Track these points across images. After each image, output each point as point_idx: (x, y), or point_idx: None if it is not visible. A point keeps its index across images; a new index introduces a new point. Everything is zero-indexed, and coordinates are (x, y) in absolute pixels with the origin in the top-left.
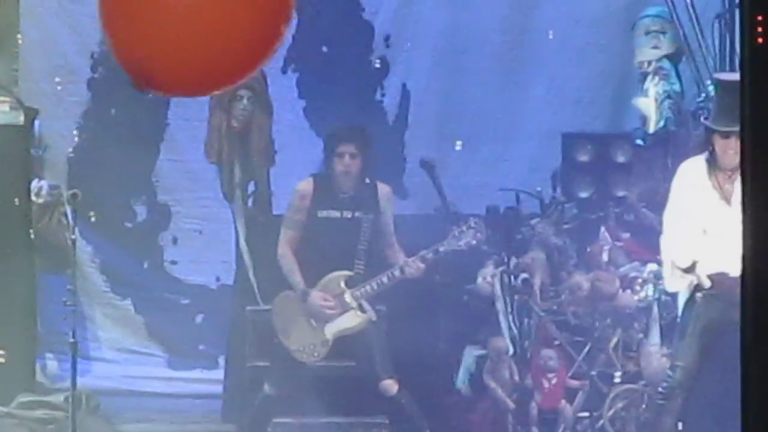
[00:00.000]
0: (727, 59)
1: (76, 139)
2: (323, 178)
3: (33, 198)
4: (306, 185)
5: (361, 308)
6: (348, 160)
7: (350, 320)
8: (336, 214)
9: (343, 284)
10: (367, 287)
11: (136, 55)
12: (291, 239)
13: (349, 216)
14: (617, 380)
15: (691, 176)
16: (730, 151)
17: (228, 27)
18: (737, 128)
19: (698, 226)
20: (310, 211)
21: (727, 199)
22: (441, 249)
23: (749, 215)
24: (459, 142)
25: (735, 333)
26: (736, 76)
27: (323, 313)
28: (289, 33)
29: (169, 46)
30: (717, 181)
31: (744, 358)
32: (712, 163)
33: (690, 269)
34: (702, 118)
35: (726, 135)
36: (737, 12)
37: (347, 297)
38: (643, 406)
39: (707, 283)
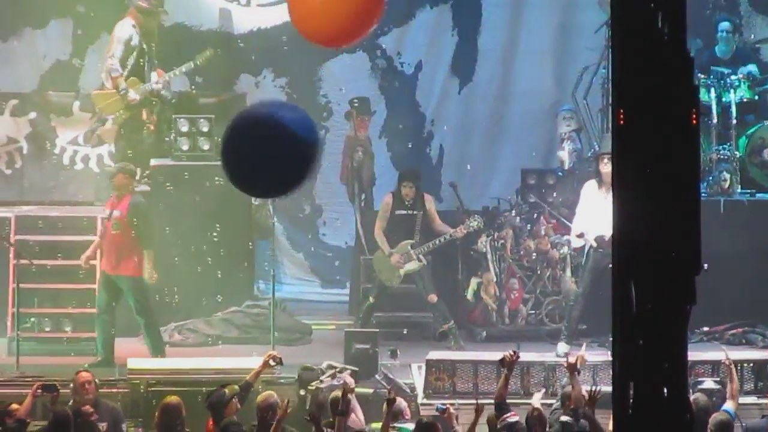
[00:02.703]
0: (605, 130)
1: None
2: (396, 193)
3: (253, 203)
4: (388, 198)
5: (419, 258)
6: (407, 189)
7: (413, 265)
8: (404, 212)
9: (409, 247)
10: (424, 246)
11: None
12: (380, 226)
13: (411, 213)
14: (549, 294)
15: (589, 189)
16: (607, 169)
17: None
18: (609, 154)
19: (593, 212)
20: (391, 212)
21: (607, 198)
22: (462, 230)
23: (617, 205)
24: (468, 166)
25: (608, 269)
26: (609, 135)
27: (399, 263)
28: (383, 121)
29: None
30: (602, 189)
31: (613, 282)
32: (599, 181)
33: (581, 236)
34: (594, 156)
35: (605, 157)
36: (610, 108)
37: (412, 253)
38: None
39: (595, 243)
